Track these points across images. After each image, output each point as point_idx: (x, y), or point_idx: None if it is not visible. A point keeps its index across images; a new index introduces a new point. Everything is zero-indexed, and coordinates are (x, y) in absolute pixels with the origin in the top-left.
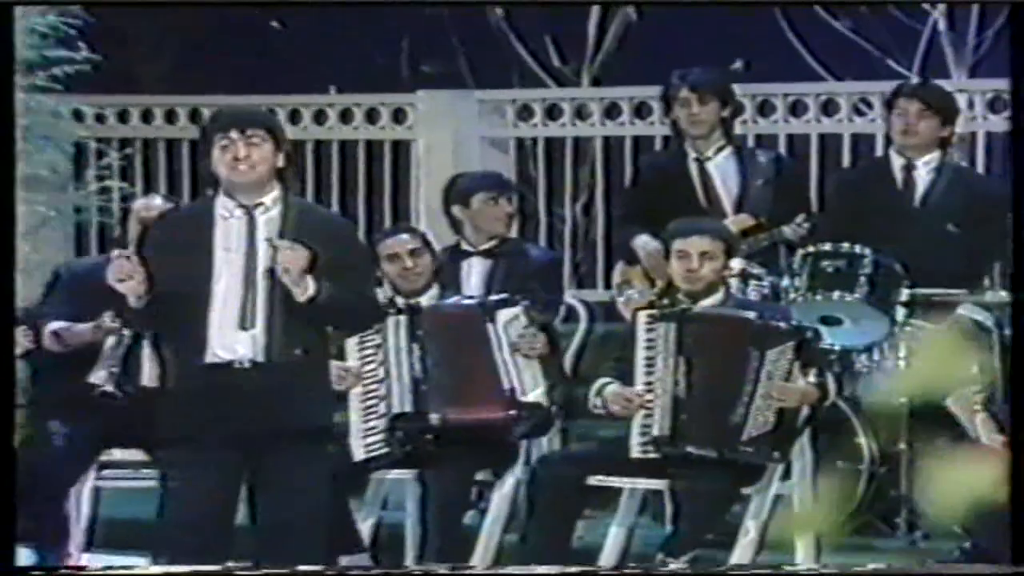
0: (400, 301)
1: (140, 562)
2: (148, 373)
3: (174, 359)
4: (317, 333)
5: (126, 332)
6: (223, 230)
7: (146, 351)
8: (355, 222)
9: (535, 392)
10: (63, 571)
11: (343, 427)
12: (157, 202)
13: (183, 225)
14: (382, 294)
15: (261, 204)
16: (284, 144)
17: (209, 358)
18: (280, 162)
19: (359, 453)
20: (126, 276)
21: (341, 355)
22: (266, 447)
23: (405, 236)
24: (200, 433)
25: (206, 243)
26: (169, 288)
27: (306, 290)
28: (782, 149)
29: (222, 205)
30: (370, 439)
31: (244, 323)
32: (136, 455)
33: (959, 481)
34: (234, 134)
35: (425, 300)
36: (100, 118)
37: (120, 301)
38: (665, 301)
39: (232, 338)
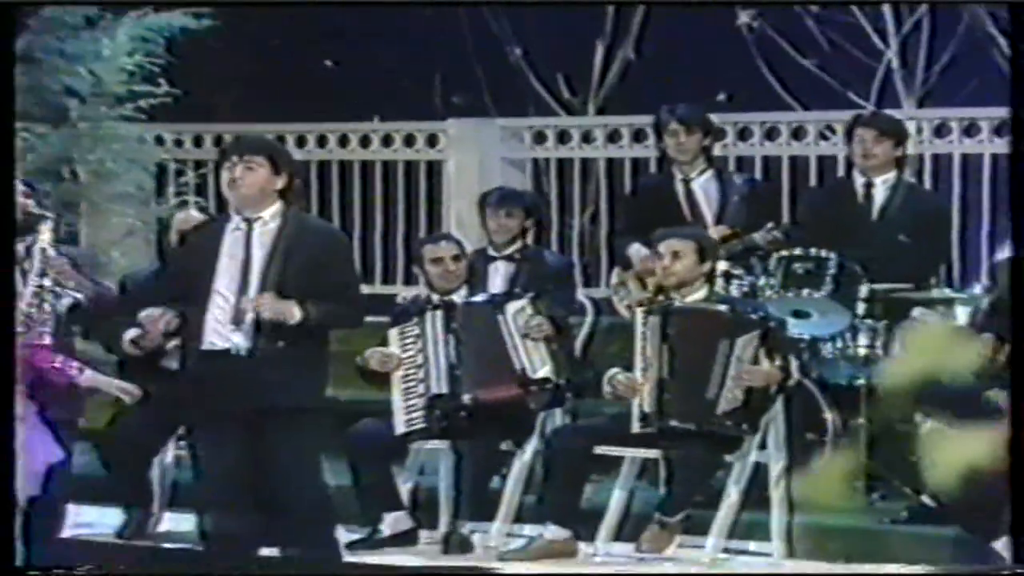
0: (436, 298)
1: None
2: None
3: (188, 347)
4: (298, 329)
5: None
6: (230, 239)
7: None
8: (391, 232)
9: (544, 370)
10: (63, 571)
11: (386, 404)
12: (195, 215)
13: (205, 234)
14: (421, 292)
15: (260, 218)
16: (284, 167)
17: (206, 346)
18: (279, 183)
19: (400, 427)
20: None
21: (384, 343)
22: (259, 422)
23: (448, 244)
24: (205, 410)
25: (216, 249)
26: (187, 285)
27: (293, 317)
28: (758, 170)
29: (234, 219)
30: (410, 416)
31: (237, 319)
32: None
33: (909, 450)
34: (235, 159)
35: (457, 297)
36: (179, 143)
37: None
38: (660, 298)
39: (227, 330)
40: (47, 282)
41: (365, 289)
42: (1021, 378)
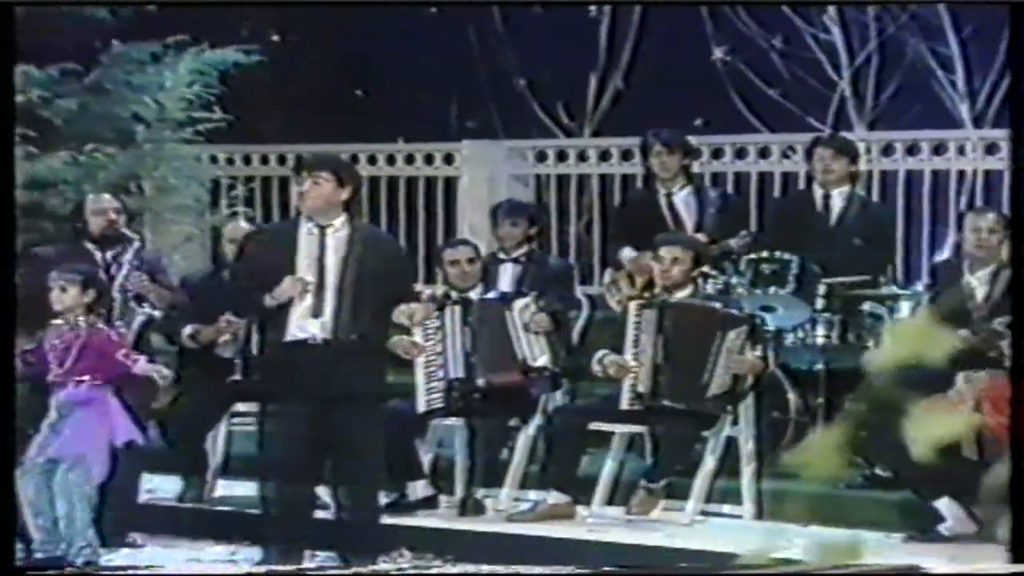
0: (454, 294)
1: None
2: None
3: (268, 338)
4: (369, 322)
5: (239, 323)
6: (306, 244)
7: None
8: (413, 238)
9: (542, 359)
10: (63, 571)
11: (410, 387)
12: (243, 225)
13: (274, 240)
14: (441, 290)
15: (331, 225)
16: (348, 182)
17: (288, 337)
18: (343, 196)
19: (422, 406)
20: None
21: (409, 333)
22: (332, 403)
23: (464, 248)
24: (286, 391)
25: (291, 253)
26: (268, 282)
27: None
28: (730, 185)
29: (306, 226)
30: (431, 396)
31: (316, 313)
32: (253, 407)
33: (863, 424)
34: (304, 175)
35: (472, 294)
36: (230, 161)
37: (228, 304)
38: (647, 295)
39: (307, 323)
40: (128, 292)
41: None
42: (1021, 378)
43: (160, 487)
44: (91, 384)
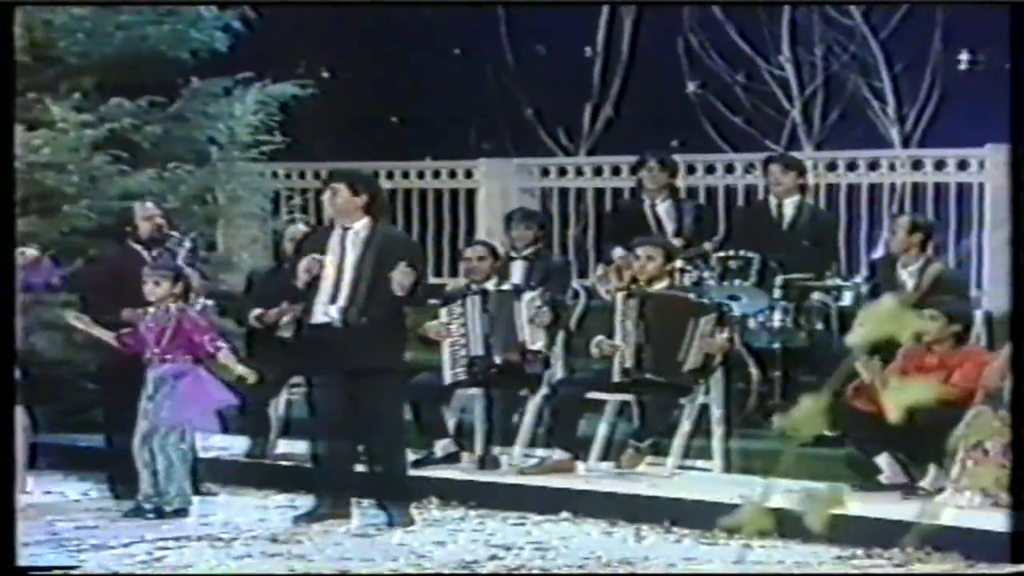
0: (474, 286)
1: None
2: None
3: (303, 321)
4: (380, 308)
5: (296, 308)
6: (333, 243)
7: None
8: (440, 240)
9: (538, 343)
10: (62, 571)
11: (436, 363)
12: (301, 228)
13: (317, 240)
14: (463, 282)
15: (352, 228)
16: (363, 191)
17: (314, 320)
18: (360, 202)
19: (448, 379)
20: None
21: (437, 318)
22: (353, 376)
23: (483, 247)
24: (313, 366)
25: (323, 250)
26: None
27: (407, 279)
28: (701, 196)
29: (336, 228)
30: (455, 370)
31: (333, 299)
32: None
33: (812, 392)
34: (327, 186)
35: (490, 286)
36: (288, 176)
37: (289, 294)
38: (632, 287)
39: (328, 308)
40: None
41: None
42: (1021, 377)
43: (231, 445)
44: (182, 360)
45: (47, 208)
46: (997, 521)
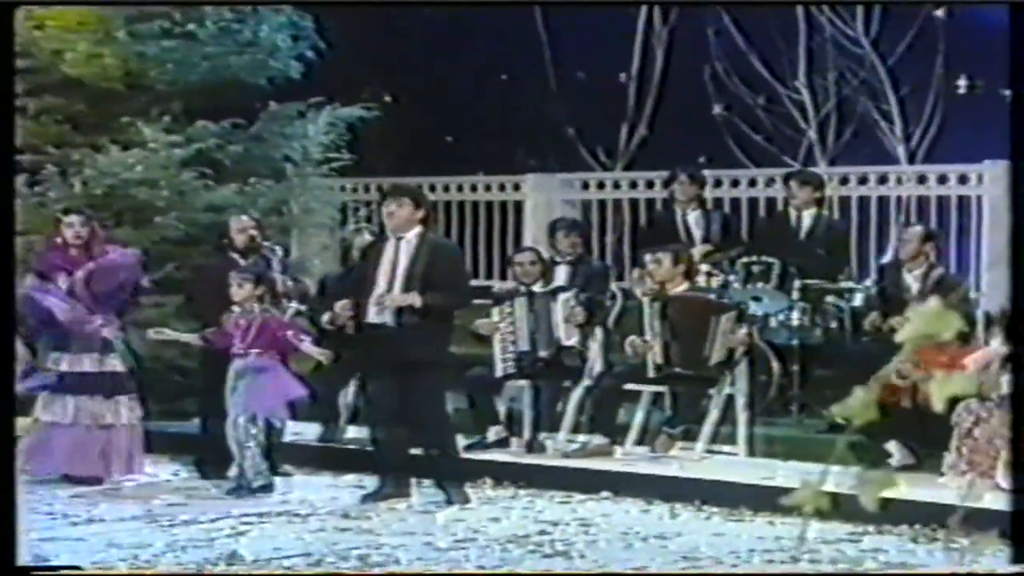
0: (522, 288)
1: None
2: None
3: (361, 321)
4: (425, 309)
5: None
6: (388, 250)
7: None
8: (491, 246)
9: (572, 340)
10: (61, 571)
11: (486, 357)
12: (367, 237)
13: (376, 248)
14: (510, 284)
15: (405, 237)
16: (423, 205)
17: (369, 320)
18: (419, 215)
19: (498, 372)
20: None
21: (489, 315)
22: (404, 369)
23: (532, 253)
24: (369, 361)
25: (380, 258)
26: (367, 280)
27: (416, 303)
28: (727, 206)
29: (392, 238)
30: (505, 364)
31: (383, 302)
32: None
33: (826, 384)
34: (390, 199)
35: (537, 288)
36: (355, 190)
37: (355, 295)
38: (654, 289)
39: (379, 309)
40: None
41: (474, 282)
42: (1021, 378)
43: (305, 431)
44: (262, 355)
45: (140, 220)
46: (998, 502)
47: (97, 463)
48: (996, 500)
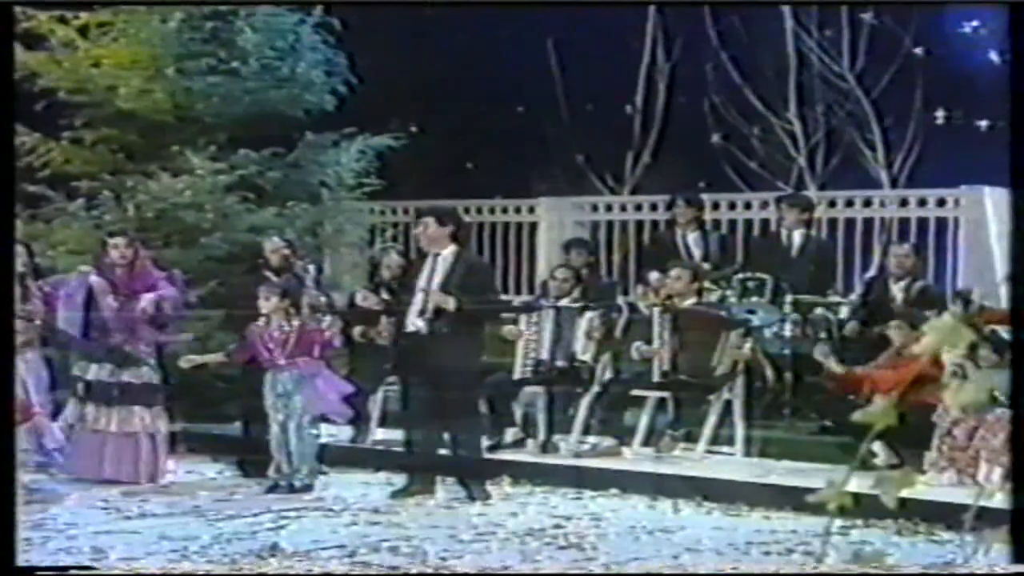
0: (550, 301)
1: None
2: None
3: (399, 331)
4: (457, 319)
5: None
6: (426, 266)
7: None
8: (507, 263)
9: (585, 355)
10: (61, 571)
11: (508, 364)
12: (395, 257)
13: (417, 267)
14: (529, 298)
15: (439, 254)
16: (448, 222)
17: (407, 329)
18: (446, 232)
19: (517, 374)
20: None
21: (516, 322)
22: (436, 375)
23: (567, 271)
24: (406, 367)
25: (418, 274)
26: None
27: (449, 305)
28: (724, 227)
29: (430, 255)
30: (523, 370)
31: (422, 312)
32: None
33: (817, 389)
34: (418, 220)
35: (564, 302)
36: (382, 212)
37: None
38: (666, 303)
39: (416, 320)
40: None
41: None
42: (1021, 378)
43: (338, 433)
44: (307, 363)
45: (187, 240)
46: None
47: (123, 468)
48: (939, 494)
